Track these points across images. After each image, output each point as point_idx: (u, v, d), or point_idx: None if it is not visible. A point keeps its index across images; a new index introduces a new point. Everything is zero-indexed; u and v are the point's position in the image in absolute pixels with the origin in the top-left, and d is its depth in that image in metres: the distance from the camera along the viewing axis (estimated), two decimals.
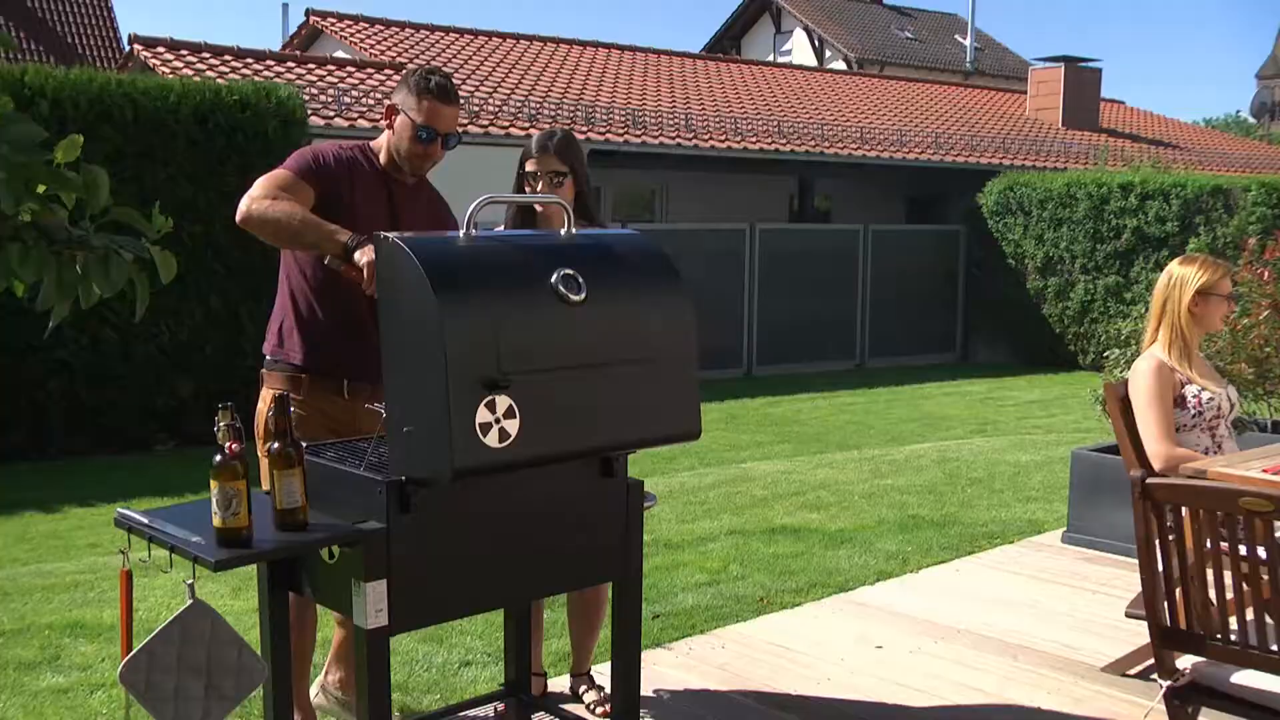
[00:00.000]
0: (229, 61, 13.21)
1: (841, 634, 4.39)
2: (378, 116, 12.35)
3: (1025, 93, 23.87)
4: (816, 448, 9.15)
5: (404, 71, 3.47)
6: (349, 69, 14.33)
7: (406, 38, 17.50)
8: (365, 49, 16.29)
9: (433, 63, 16.02)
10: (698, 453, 8.64)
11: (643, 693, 3.05)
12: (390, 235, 2.30)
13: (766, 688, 3.87)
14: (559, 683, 3.83)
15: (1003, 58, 34.77)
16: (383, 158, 3.25)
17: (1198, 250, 13.53)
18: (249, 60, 13.49)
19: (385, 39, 17.13)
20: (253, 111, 9.55)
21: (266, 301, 3.46)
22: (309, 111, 11.01)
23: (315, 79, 13.37)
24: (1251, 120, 51.10)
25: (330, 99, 12.50)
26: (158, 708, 2.29)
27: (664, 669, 4.01)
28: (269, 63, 13.67)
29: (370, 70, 14.53)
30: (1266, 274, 6.34)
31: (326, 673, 3.48)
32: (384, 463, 2.45)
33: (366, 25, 17.75)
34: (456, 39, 18.30)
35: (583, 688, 3.73)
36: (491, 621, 4.24)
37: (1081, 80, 22.94)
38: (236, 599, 4.72)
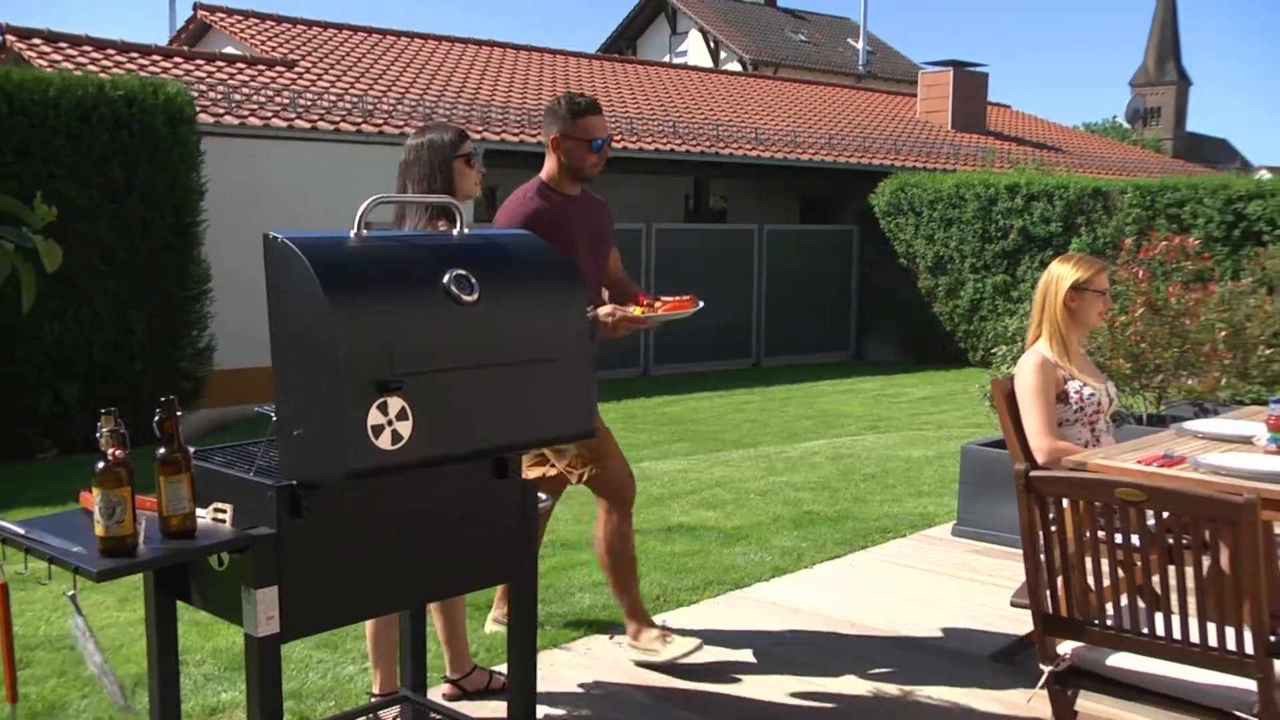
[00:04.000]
0: (112, 56, 12.81)
1: (739, 630, 4.44)
2: (269, 114, 12.12)
3: (916, 95, 24.37)
4: (713, 446, 9.22)
5: (546, 108, 3.97)
6: (239, 65, 14.02)
7: (299, 34, 17.19)
8: (256, 45, 15.96)
9: (325, 61, 15.77)
10: None
11: (541, 693, 3.05)
12: (278, 235, 2.26)
13: (665, 685, 3.90)
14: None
15: (894, 61, 35.45)
16: (562, 184, 3.91)
17: (1079, 250, 13.97)
18: (134, 55, 13.09)
19: (277, 35, 16.80)
20: (139, 108, 9.28)
21: (156, 302, 3.39)
22: (198, 109, 10.75)
23: (204, 75, 13.05)
24: (1127, 125, 52.96)
25: (220, 95, 12.22)
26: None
27: (562, 669, 4.02)
28: (155, 57, 13.28)
29: (262, 67, 14.24)
30: (1141, 273, 6.58)
31: (495, 606, 4.35)
32: (275, 466, 2.41)
33: (257, 21, 17.39)
34: (350, 36, 18.03)
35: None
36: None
37: (969, 84, 23.51)
38: (123, 610, 4.60)
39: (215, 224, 10.05)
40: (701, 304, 3.82)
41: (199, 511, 2.36)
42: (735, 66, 30.35)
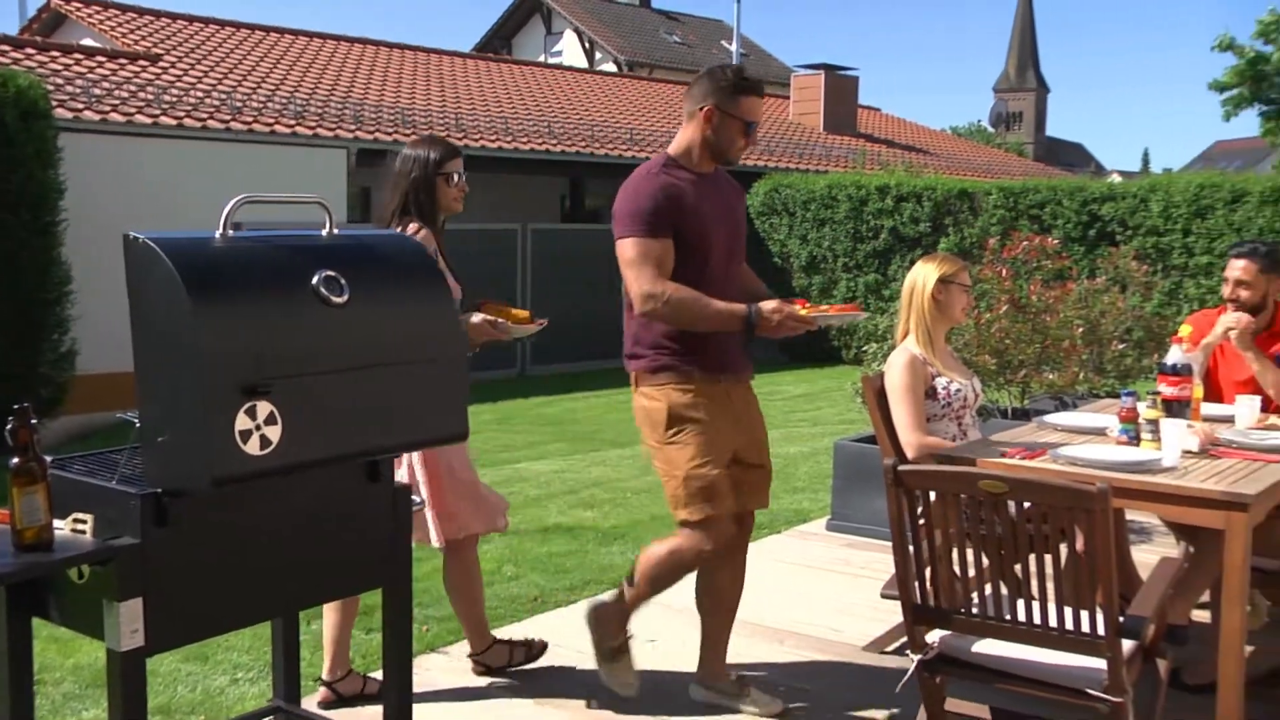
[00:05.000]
0: None
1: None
2: (133, 110, 11.73)
3: (788, 98, 24.77)
4: (590, 446, 9.24)
5: (704, 74, 3.55)
6: (100, 58, 13.53)
7: (162, 27, 16.67)
8: (117, 38, 15.43)
9: (191, 55, 15.34)
10: (471, 455, 8.57)
11: (417, 697, 3.02)
12: (139, 235, 2.19)
13: (542, 687, 3.89)
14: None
15: (767, 64, 35.95)
16: (699, 161, 3.53)
17: (947, 249, 14.38)
18: None
19: (139, 28, 16.26)
20: None
21: (12, 304, 3.26)
22: (55, 103, 10.34)
23: (61, 68, 12.55)
24: (991, 129, 54.73)
25: (79, 90, 11.77)
26: None
27: (437, 673, 3.98)
28: (4, 48, 12.74)
29: (124, 60, 13.77)
30: (1005, 271, 6.79)
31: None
32: (139, 475, 2.34)
33: (118, 12, 16.80)
34: (217, 31, 17.56)
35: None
36: (259, 635, 4.10)
37: (841, 87, 23.99)
38: None
39: (77, 224, 9.69)
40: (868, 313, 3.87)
41: (57, 523, 2.27)
42: (610, 67, 30.44)
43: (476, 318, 3.71)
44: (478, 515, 3.81)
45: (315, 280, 2.29)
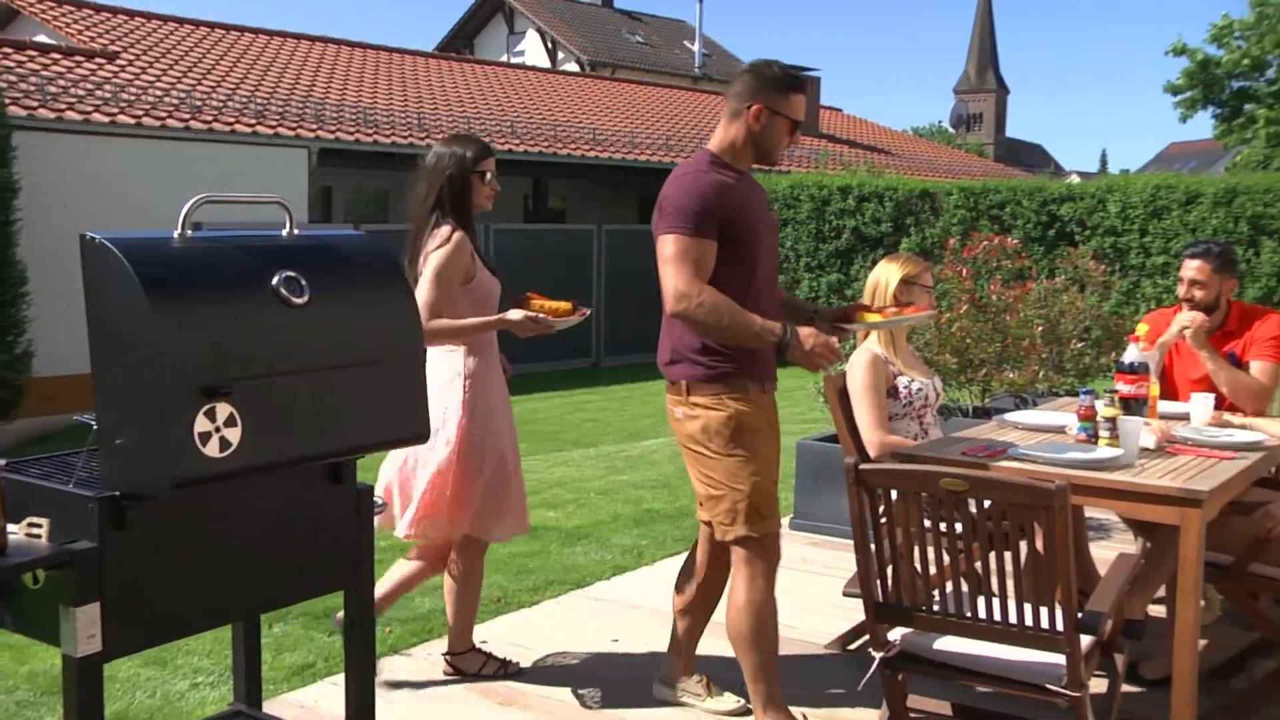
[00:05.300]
0: None
1: (579, 629, 4.46)
2: (89, 109, 11.60)
3: None
4: (553, 446, 9.23)
5: (753, 68, 3.38)
6: (54, 55, 13.36)
7: (120, 24, 16.49)
8: (73, 34, 15.24)
9: (150, 54, 15.18)
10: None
11: (381, 700, 3.01)
12: (96, 235, 2.17)
13: (506, 688, 3.88)
14: (296, 697, 3.72)
15: (729, 64, 36.01)
16: (739, 159, 3.37)
17: (908, 249, 14.47)
18: None
19: (96, 24, 16.08)
20: None
21: None
22: (8, 100, 10.21)
23: (14, 64, 12.39)
24: (951, 130, 55.16)
25: (34, 87, 11.62)
26: None
27: (402, 675, 3.96)
28: None
29: (80, 58, 13.61)
30: (965, 271, 6.85)
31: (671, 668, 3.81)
32: (96, 478, 2.32)
33: (73, 9, 16.60)
34: (176, 29, 17.39)
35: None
36: (220, 638, 4.07)
37: None
38: None
39: (34, 224, 9.57)
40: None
41: (11, 527, 2.25)
42: (573, 67, 30.40)
43: (516, 314, 3.72)
44: (505, 517, 3.82)
45: (275, 281, 2.28)
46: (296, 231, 2.50)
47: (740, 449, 3.39)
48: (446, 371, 3.74)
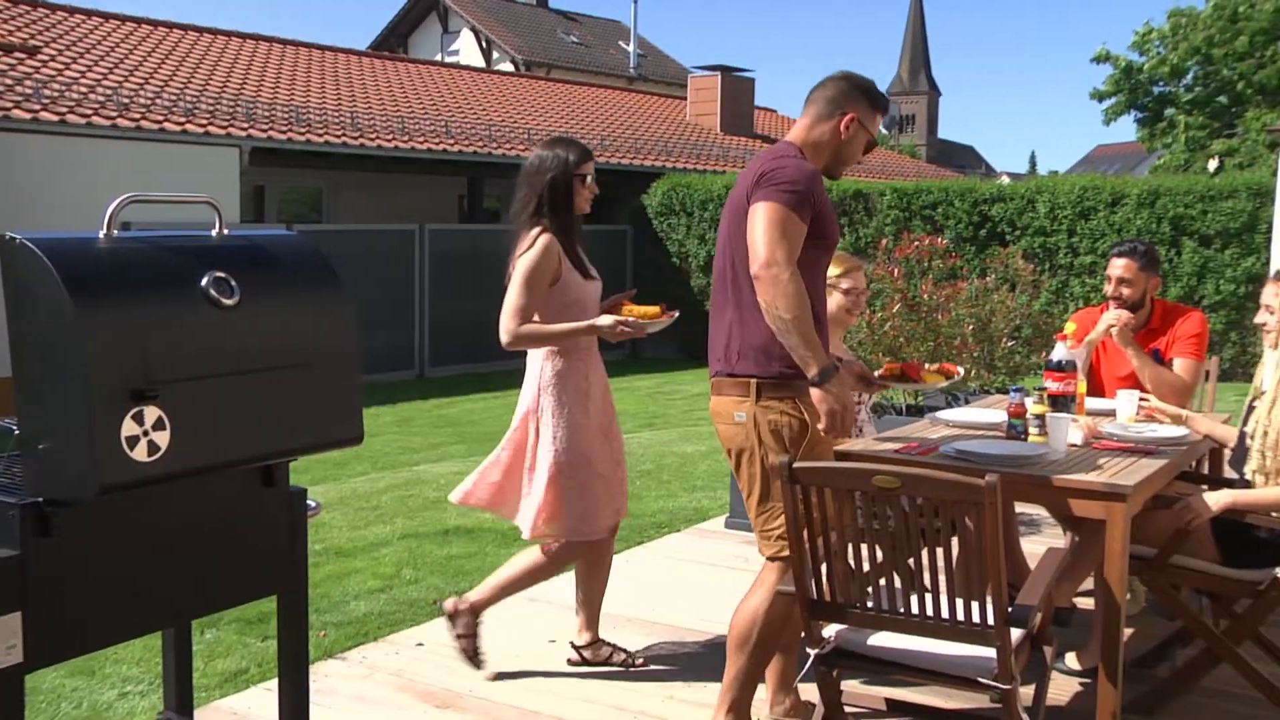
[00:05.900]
0: None
1: (516, 630, 4.44)
2: (10, 105, 11.33)
3: (686, 99, 24.92)
4: (490, 447, 9.14)
5: (849, 77, 3.36)
6: None
7: (41, 18, 16.12)
8: None
9: (74, 49, 14.87)
10: (370, 458, 8.48)
11: (315, 705, 2.98)
12: (17, 235, 2.12)
13: (443, 690, 3.86)
14: (229, 704, 3.67)
15: (664, 64, 36.12)
16: (816, 157, 3.30)
17: (842, 250, 14.59)
18: None
19: (14, 17, 15.69)
20: None
21: None
22: None
23: None
24: (884, 131, 55.62)
25: None
26: None
27: (336, 680, 3.93)
28: None
29: None
30: (897, 271, 6.93)
31: (771, 696, 3.61)
32: (18, 483, 2.27)
33: None
34: (101, 24, 17.05)
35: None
36: (150, 646, 4.00)
37: (737, 88, 24.21)
38: None
39: None
40: None
41: None
42: (507, 67, 30.29)
43: (606, 319, 3.83)
44: (595, 515, 3.89)
45: (204, 282, 2.24)
46: (226, 231, 2.46)
47: (811, 455, 3.18)
48: (539, 375, 3.91)
